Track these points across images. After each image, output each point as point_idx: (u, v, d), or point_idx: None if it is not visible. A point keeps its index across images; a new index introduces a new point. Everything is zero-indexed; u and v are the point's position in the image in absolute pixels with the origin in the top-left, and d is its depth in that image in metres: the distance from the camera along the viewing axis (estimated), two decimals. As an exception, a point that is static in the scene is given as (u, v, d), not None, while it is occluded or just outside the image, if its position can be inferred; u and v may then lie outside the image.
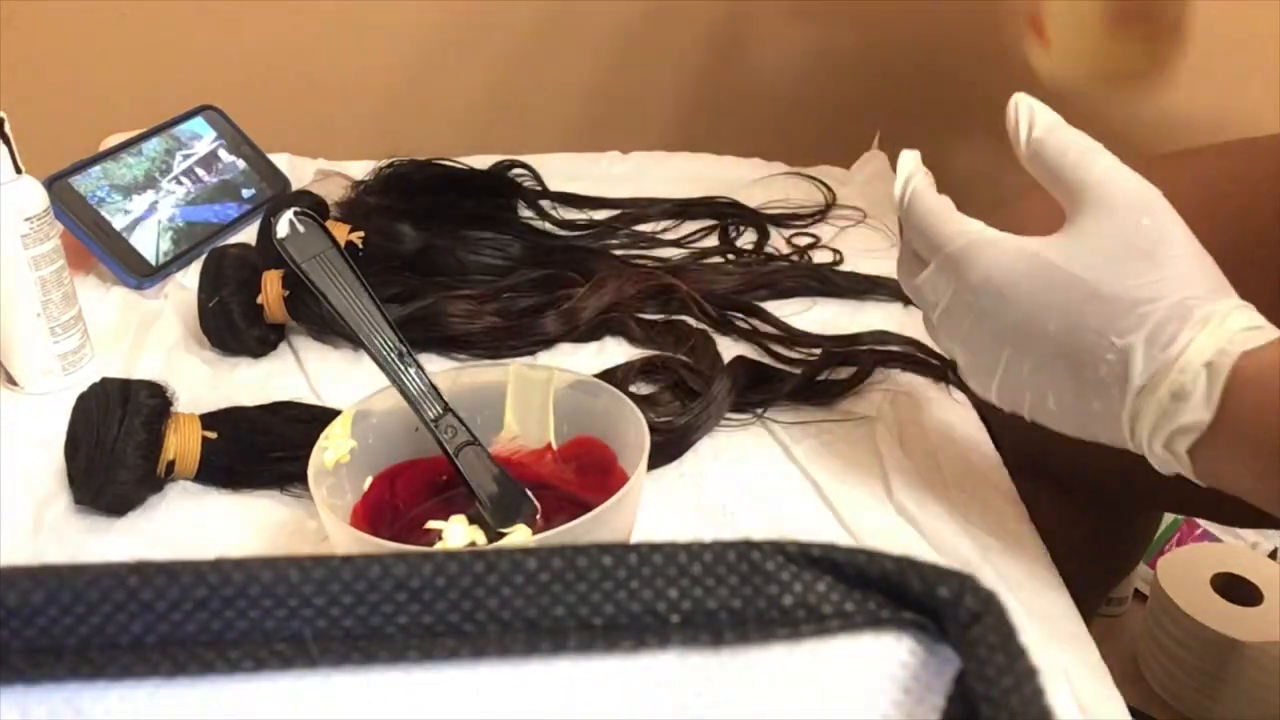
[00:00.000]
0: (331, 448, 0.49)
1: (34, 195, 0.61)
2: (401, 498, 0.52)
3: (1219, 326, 0.42)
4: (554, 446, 0.53)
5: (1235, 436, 0.42)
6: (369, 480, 0.51)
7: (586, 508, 0.45)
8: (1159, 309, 0.43)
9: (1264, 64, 0.90)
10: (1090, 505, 0.78)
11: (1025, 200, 0.79)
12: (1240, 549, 1.11)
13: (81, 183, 0.75)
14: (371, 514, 0.50)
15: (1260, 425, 0.41)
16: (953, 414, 0.63)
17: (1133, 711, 0.53)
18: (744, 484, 0.57)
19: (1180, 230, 0.45)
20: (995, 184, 0.78)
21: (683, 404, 0.61)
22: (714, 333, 0.69)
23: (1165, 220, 0.45)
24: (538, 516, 0.49)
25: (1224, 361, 0.42)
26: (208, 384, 0.65)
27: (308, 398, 0.63)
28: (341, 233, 0.72)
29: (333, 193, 0.79)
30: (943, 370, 0.66)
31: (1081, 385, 0.45)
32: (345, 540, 0.44)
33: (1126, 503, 0.78)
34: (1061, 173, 0.47)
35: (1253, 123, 0.70)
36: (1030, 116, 0.48)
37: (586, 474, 0.52)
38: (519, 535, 0.48)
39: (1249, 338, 0.42)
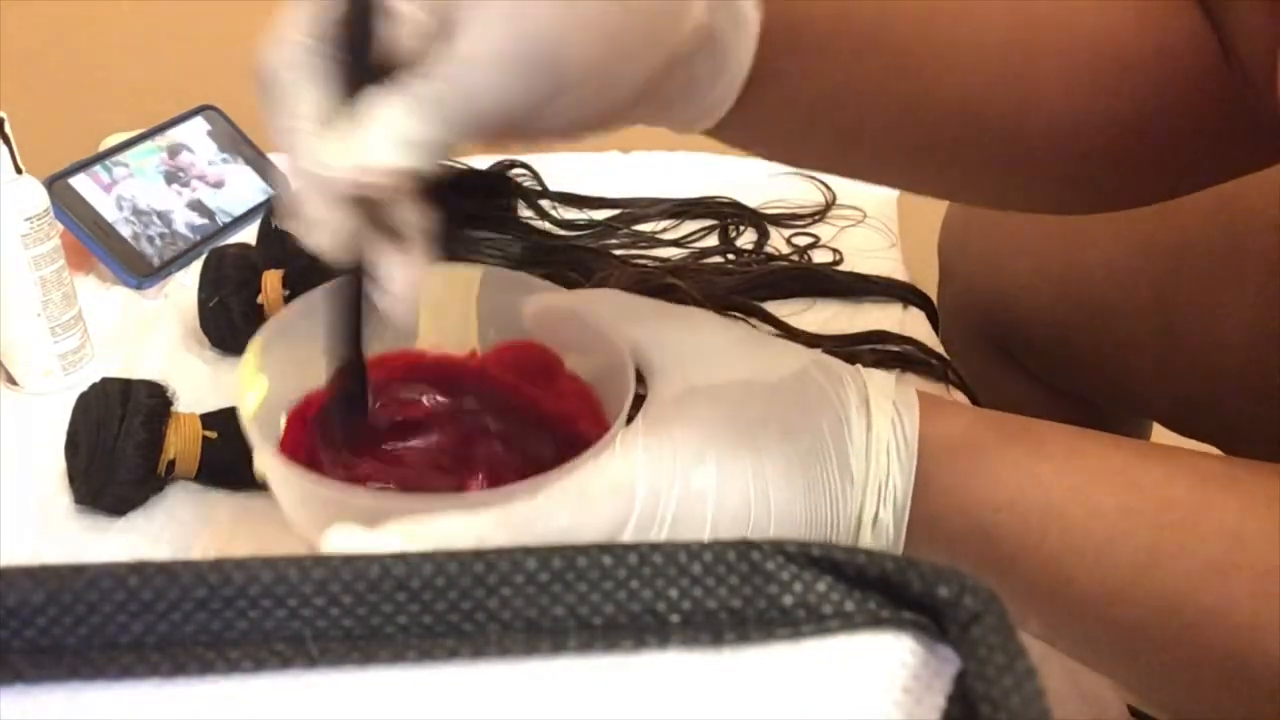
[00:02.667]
0: (254, 389, 0.42)
1: (34, 195, 0.61)
2: (316, 443, 0.45)
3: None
4: (479, 352, 0.47)
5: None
6: (284, 419, 0.44)
7: (535, 413, 0.42)
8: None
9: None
10: (1064, 398, 0.82)
11: None
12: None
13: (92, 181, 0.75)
14: (297, 458, 0.43)
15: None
16: (953, 414, 0.63)
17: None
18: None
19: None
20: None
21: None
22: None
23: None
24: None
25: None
26: (208, 384, 0.65)
27: (308, 398, 0.63)
28: (341, 233, 0.72)
29: (333, 193, 0.79)
30: (942, 370, 0.66)
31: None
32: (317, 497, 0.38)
33: (1100, 398, 0.80)
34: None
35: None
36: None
37: (527, 378, 0.46)
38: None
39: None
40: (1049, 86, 0.46)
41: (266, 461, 0.39)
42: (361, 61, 0.36)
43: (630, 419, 0.40)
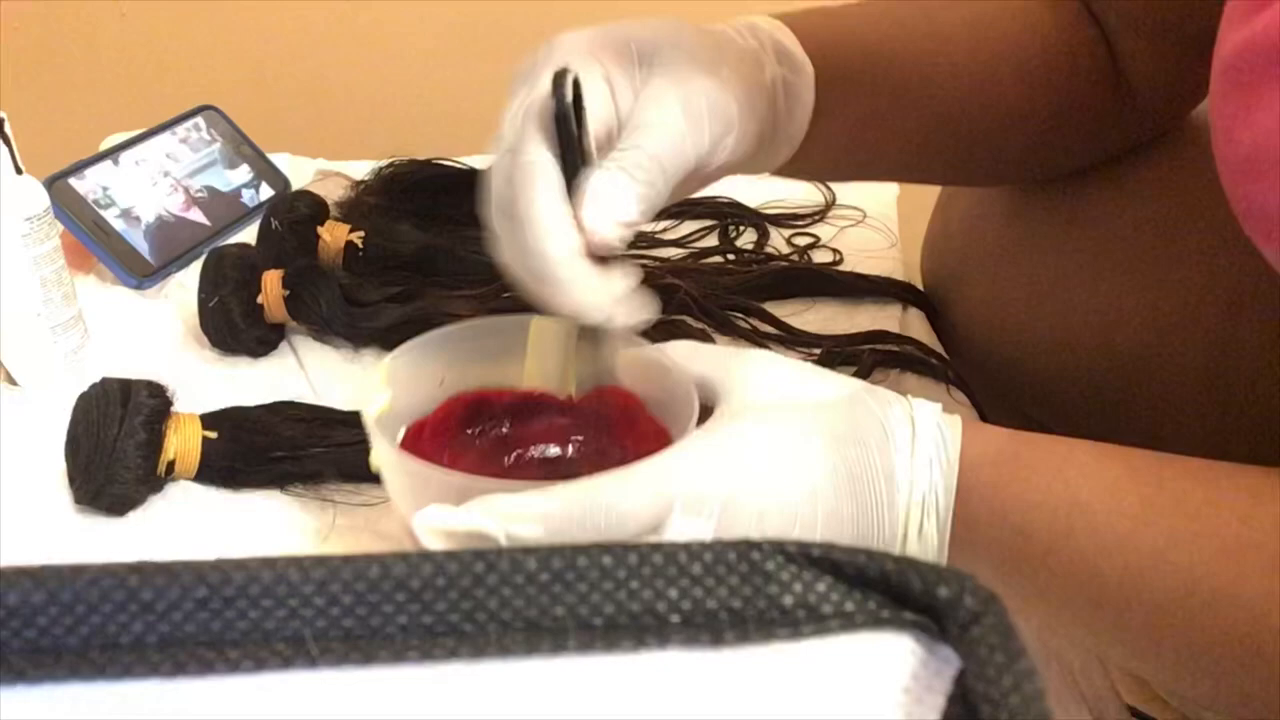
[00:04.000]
0: (379, 396, 0.49)
1: (34, 195, 0.61)
2: (428, 451, 0.51)
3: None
4: (574, 398, 0.53)
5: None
6: (402, 431, 0.51)
7: (618, 450, 0.48)
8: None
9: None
10: None
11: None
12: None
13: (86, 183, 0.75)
14: None
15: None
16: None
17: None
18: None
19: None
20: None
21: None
22: (714, 333, 0.69)
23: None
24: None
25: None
26: (208, 384, 0.65)
27: (308, 397, 0.63)
28: (341, 233, 0.72)
29: (332, 193, 0.79)
30: (943, 370, 0.66)
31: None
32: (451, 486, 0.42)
33: None
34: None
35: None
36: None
37: (614, 422, 0.52)
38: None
39: None
40: (1004, 85, 0.59)
41: (381, 452, 0.45)
42: (572, 158, 0.44)
43: None
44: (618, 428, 0.52)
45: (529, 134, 0.44)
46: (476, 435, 0.52)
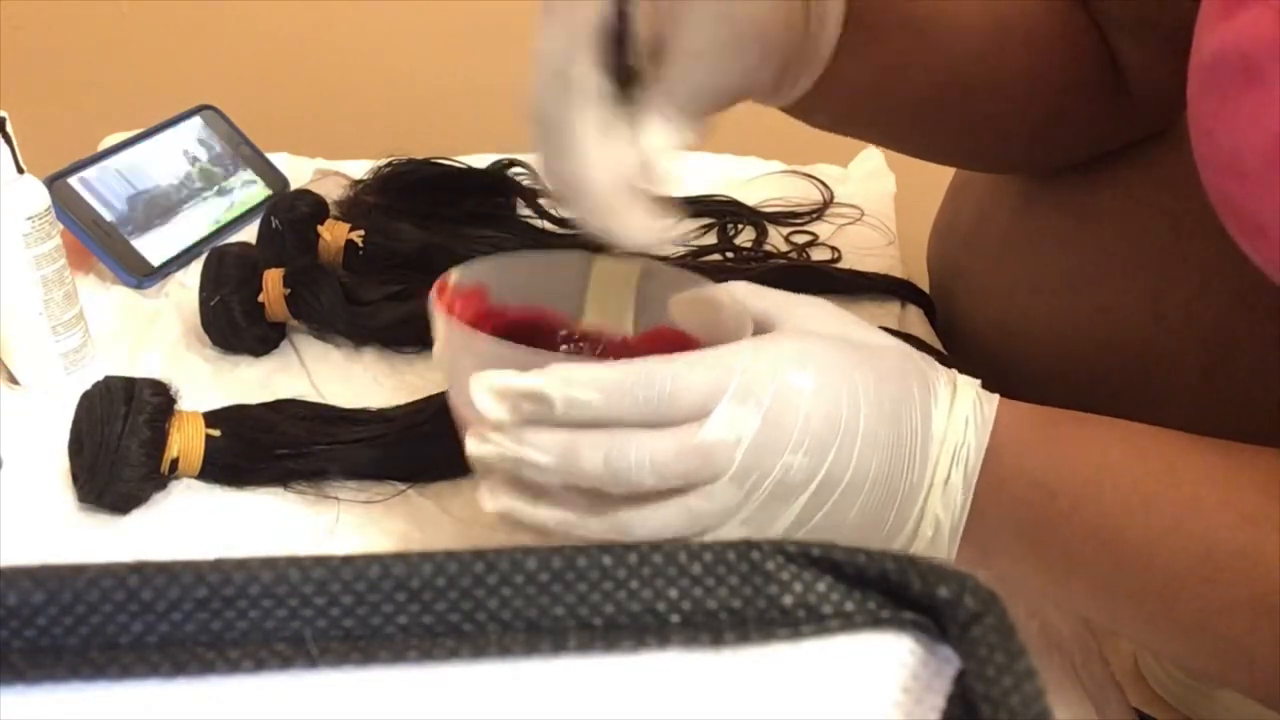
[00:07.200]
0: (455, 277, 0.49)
1: (35, 194, 0.61)
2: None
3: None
4: (630, 336, 0.53)
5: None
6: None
7: None
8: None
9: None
10: None
11: None
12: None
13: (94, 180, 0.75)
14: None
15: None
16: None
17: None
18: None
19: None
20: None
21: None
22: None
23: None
24: None
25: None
26: (209, 382, 0.65)
27: (310, 395, 0.63)
28: (341, 232, 0.72)
29: (331, 192, 0.79)
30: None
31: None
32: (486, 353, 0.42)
33: None
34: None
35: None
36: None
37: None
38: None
39: None
40: (1014, 58, 0.59)
41: (441, 325, 0.45)
42: (623, 78, 0.45)
43: None
44: None
45: (580, 53, 0.44)
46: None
